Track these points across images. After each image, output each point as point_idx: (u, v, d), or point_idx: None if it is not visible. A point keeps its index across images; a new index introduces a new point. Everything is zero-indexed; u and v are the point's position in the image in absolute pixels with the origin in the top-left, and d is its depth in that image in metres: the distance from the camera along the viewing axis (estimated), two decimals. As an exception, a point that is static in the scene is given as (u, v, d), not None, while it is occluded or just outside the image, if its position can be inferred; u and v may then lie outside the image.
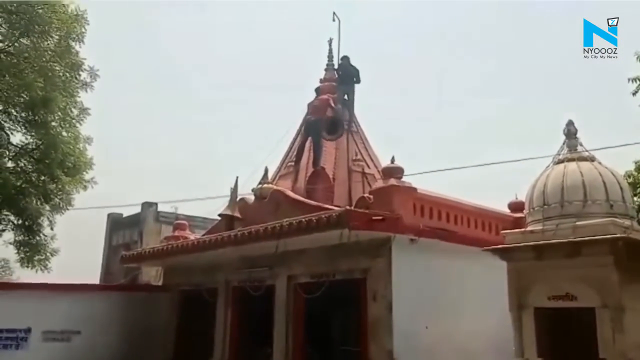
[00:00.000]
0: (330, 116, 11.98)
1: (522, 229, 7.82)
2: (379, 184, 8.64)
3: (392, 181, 8.36)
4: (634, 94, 11.17)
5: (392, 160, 8.72)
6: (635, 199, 10.08)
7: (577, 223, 7.03)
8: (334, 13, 13.26)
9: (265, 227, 8.90)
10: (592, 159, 7.69)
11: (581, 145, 7.88)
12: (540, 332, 7.26)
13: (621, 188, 7.32)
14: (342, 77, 12.75)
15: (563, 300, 7.05)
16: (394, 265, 8.18)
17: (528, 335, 7.31)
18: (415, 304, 8.25)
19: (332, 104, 12.25)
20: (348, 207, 7.98)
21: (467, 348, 8.49)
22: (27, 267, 17.18)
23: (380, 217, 7.66)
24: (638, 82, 11.21)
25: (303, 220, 8.18)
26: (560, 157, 7.90)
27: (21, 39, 13.63)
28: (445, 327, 8.47)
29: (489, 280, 8.16)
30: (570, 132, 7.96)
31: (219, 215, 11.66)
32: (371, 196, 8.50)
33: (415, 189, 8.53)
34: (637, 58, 11.07)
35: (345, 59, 12.87)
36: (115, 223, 25.25)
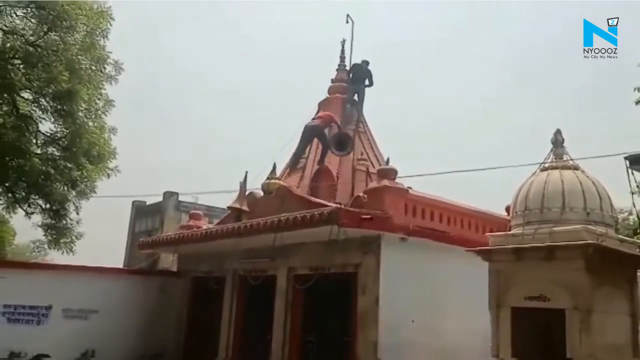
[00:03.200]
0: (339, 132, 12.33)
1: (505, 232, 8.18)
2: (373, 184, 9.11)
3: (385, 182, 8.82)
4: (637, 103, 11.31)
5: (387, 162, 9.18)
6: None
7: (554, 228, 7.36)
8: (347, 15, 13.72)
9: (265, 221, 9.47)
10: (575, 168, 7.98)
11: (567, 154, 8.17)
12: (516, 331, 7.63)
13: (600, 197, 7.59)
14: (354, 77, 13.19)
15: (537, 300, 7.38)
16: (382, 261, 8.65)
17: (504, 334, 7.66)
18: (402, 299, 8.70)
19: (337, 122, 12.56)
20: (339, 206, 8.48)
21: (451, 344, 8.90)
22: (54, 249, 18.30)
23: (369, 216, 8.12)
24: None
25: (298, 216, 8.71)
26: (546, 164, 8.21)
27: (50, 33, 14.44)
28: (431, 322, 8.89)
29: (477, 281, 8.53)
30: (558, 141, 8.24)
31: (228, 207, 12.28)
32: (365, 195, 8.97)
33: (407, 190, 8.97)
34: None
35: (364, 62, 13.28)
36: (139, 210, 26.24)
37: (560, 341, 7.12)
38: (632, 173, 6.33)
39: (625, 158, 6.08)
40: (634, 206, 7.55)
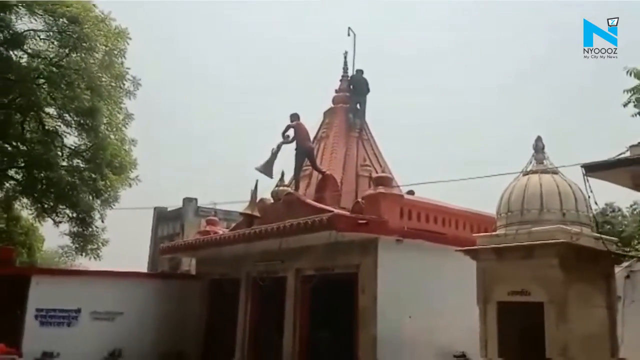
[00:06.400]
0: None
1: (490, 233, 8.84)
2: (369, 191, 9.84)
3: (380, 189, 9.55)
4: (625, 105, 11.81)
5: (384, 170, 9.88)
6: None
7: (532, 229, 7.99)
8: (349, 28, 14.43)
9: (271, 227, 10.28)
10: (554, 172, 8.58)
11: (547, 159, 8.79)
12: (501, 325, 8.29)
13: (575, 199, 8.18)
14: (355, 88, 13.94)
15: (520, 295, 8.01)
16: (379, 262, 9.38)
17: (491, 327, 8.32)
18: (399, 296, 9.41)
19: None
20: (337, 212, 9.24)
21: (446, 339, 9.57)
22: (81, 255, 19.39)
23: (364, 221, 8.86)
24: (631, 93, 11.86)
25: (301, 222, 9.50)
26: (528, 169, 8.84)
27: (71, 54, 15.46)
28: (427, 318, 9.56)
29: (471, 279, 9.19)
30: (538, 147, 8.83)
31: (241, 213, 13.11)
32: (363, 201, 9.71)
33: (401, 196, 9.70)
34: (627, 72, 11.66)
35: (359, 71, 14.04)
36: (161, 216, 27.30)
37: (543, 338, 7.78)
38: (587, 180, 6.93)
39: (582, 166, 6.70)
40: (591, 209, 8.11)
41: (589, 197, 7.49)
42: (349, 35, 14.36)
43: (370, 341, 9.29)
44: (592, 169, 6.50)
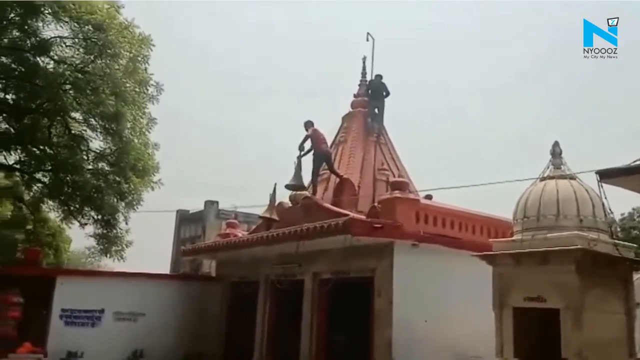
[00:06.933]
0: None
1: (507, 238, 8.82)
2: (385, 195, 9.90)
3: (396, 193, 9.60)
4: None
5: (401, 174, 9.93)
6: None
7: (548, 235, 7.96)
8: (368, 33, 14.51)
9: (288, 230, 10.42)
10: (572, 178, 8.54)
11: (564, 164, 8.74)
12: (517, 330, 8.27)
13: (593, 204, 8.12)
14: (373, 92, 14.01)
15: (535, 301, 7.99)
16: (395, 266, 9.44)
17: (507, 332, 8.32)
18: (414, 300, 9.45)
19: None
20: (352, 216, 9.32)
21: (461, 343, 9.56)
22: (106, 257, 19.82)
23: (380, 225, 8.93)
24: None
25: (317, 225, 9.61)
26: (545, 175, 8.80)
27: (96, 61, 15.84)
28: (442, 322, 9.58)
29: (487, 283, 9.19)
30: (556, 152, 8.79)
31: (259, 217, 13.27)
32: (379, 205, 9.78)
33: (417, 200, 9.73)
34: None
35: (378, 76, 14.11)
36: (183, 219, 27.70)
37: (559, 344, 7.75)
38: (602, 186, 6.88)
39: (596, 173, 6.66)
40: (606, 216, 8.03)
41: (602, 203, 7.39)
42: (367, 40, 14.46)
43: (385, 344, 9.34)
44: (607, 175, 6.46)
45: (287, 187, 12.53)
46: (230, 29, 73.70)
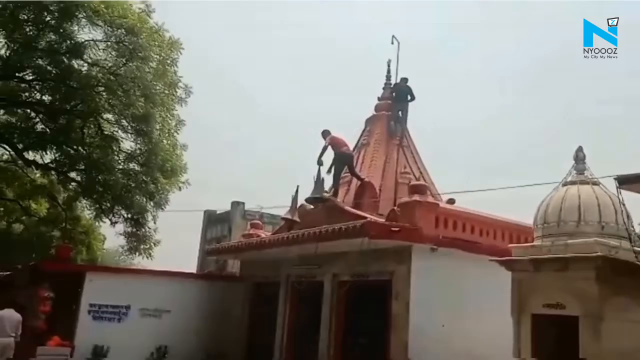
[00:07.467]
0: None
1: (526, 244, 8.71)
2: (405, 199, 9.89)
3: (416, 197, 9.58)
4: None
5: (418, 179, 9.90)
6: None
7: (569, 241, 7.82)
8: (393, 36, 14.51)
9: (307, 232, 10.50)
10: (594, 183, 8.37)
11: (587, 169, 8.58)
12: (536, 336, 8.15)
13: (615, 211, 7.95)
14: (397, 96, 14.00)
15: (554, 308, 7.86)
16: (413, 270, 9.42)
17: (525, 338, 8.22)
18: (432, 304, 9.41)
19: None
20: (370, 219, 9.34)
21: (478, 347, 9.44)
22: (135, 255, 20.30)
23: (397, 229, 8.92)
24: None
25: (335, 227, 9.66)
26: (568, 180, 8.66)
27: (128, 64, 16.28)
28: (460, 326, 9.51)
29: (505, 288, 9.09)
30: (579, 158, 8.64)
31: (281, 218, 13.40)
32: (399, 209, 9.78)
33: (437, 204, 9.69)
34: None
35: (403, 79, 14.10)
36: (210, 219, 28.08)
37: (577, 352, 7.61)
38: (620, 192, 6.74)
39: (615, 178, 6.54)
40: (625, 222, 7.83)
41: (622, 210, 7.24)
42: (392, 43, 14.44)
43: (402, 347, 9.32)
44: (626, 182, 6.34)
45: (308, 200, 12.59)
46: (257, 36, 74.29)
